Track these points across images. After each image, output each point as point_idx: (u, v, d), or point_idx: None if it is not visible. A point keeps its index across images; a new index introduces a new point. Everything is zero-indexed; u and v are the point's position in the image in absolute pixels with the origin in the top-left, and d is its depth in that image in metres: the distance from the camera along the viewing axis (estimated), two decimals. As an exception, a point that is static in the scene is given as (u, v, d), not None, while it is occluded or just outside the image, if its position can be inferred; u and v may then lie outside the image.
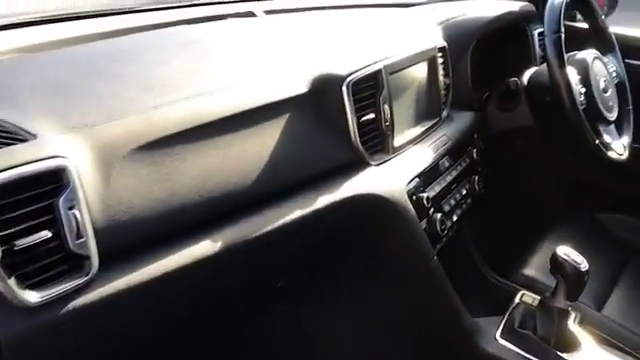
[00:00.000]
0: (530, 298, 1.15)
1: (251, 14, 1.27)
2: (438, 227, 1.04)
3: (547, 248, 1.41)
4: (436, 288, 1.04)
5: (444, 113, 1.21)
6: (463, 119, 1.27)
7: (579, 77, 1.24)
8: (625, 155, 1.31)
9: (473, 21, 1.32)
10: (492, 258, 1.35)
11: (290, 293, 1.00)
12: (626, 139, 1.36)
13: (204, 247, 0.69)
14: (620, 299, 1.32)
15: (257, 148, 0.81)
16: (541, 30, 1.53)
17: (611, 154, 1.27)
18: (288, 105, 0.85)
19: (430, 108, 1.16)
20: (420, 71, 1.13)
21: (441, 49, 1.19)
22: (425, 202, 1.01)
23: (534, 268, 1.35)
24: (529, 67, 1.42)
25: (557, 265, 0.99)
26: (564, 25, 1.20)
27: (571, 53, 1.28)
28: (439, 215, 1.05)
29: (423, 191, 1.03)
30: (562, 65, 1.17)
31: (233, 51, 0.94)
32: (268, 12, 1.31)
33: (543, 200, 1.59)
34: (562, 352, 1.01)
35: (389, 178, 0.97)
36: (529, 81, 1.34)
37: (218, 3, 1.31)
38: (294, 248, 0.86)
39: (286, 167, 0.84)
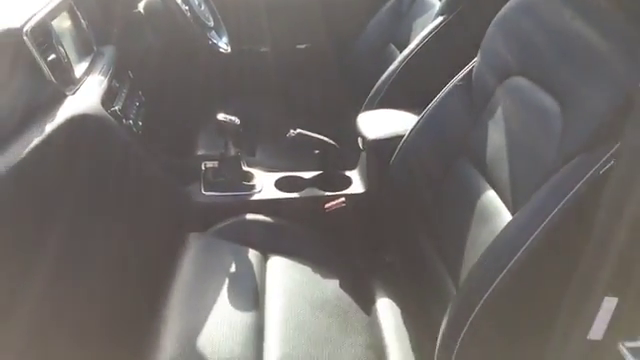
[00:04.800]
0: (211, 163, 1.58)
1: None
2: (135, 129, 1.35)
3: (206, 131, 1.85)
4: (152, 174, 1.36)
5: (95, 48, 1.46)
6: (110, 52, 1.55)
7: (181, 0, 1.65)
8: (229, 49, 1.81)
9: None
10: (173, 149, 1.72)
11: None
12: (225, 38, 1.86)
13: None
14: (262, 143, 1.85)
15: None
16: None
17: (221, 50, 1.75)
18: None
19: (84, 46, 1.41)
20: (65, 19, 1.35)
21: (71, -4, 1.42)
22: (119, 112, 1.30)
23: (201, 145, 1.78)
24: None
25: (222, 127, 1.43)
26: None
27: None
28: (130, 121, 1.36)
29: (113, 106, 1.31)
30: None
31: None
32: None
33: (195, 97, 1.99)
34: (248, 181, 1.49)
35: (86, 101, 1.21)
36: (147, 9, 1.68)
37: None
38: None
39: (8, 110, 1.01)
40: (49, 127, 1.07)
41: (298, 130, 1.50)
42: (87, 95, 1.23)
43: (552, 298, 0.74)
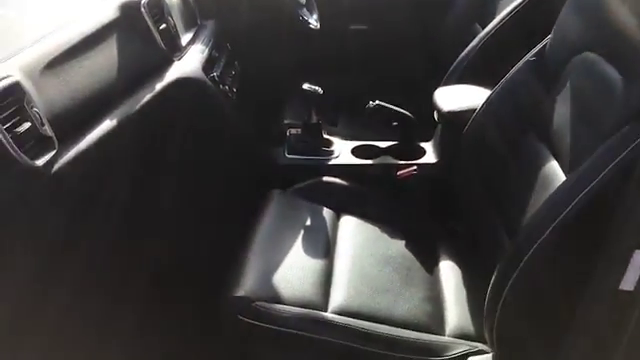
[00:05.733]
0: (295, 130, 1.72)
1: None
2: (230, 95, 1.51)
3: (293, 101, 1.98)
4: (244, 135, 1.52)
5: (199, 21, 1.64)
6: (211, 25, 1.72)
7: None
8: (318, 25, 1.93)
9: None
10: (262, 115, 1.87)
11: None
12: (315, 15, 1.98)
13: (115, 117, 1.05)
14: (343, 114, 1.96)
15: (105, 61, 1.15)
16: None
17: (311, 26, 1.87)
18: (111, 28, 1.19)
19: (190, 19, 1.59)
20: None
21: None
22: (216, 78, 1.46)
23: (287, 113, 1.93)
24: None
25: (306, 95, 1.55)
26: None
27: None
28: (227, 87, 1.52)
29: (212, 72, 1.48)
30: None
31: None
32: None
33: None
34: (328, 147, 1.62)
35: (189, 66, 1.39)
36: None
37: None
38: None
39: (126, 69, 1.19)
40: (159, 86, 1.25)
41: (377, 102, 1.59)
42: (190, 61, 1.41)
43: (591, 254, 0.80)
